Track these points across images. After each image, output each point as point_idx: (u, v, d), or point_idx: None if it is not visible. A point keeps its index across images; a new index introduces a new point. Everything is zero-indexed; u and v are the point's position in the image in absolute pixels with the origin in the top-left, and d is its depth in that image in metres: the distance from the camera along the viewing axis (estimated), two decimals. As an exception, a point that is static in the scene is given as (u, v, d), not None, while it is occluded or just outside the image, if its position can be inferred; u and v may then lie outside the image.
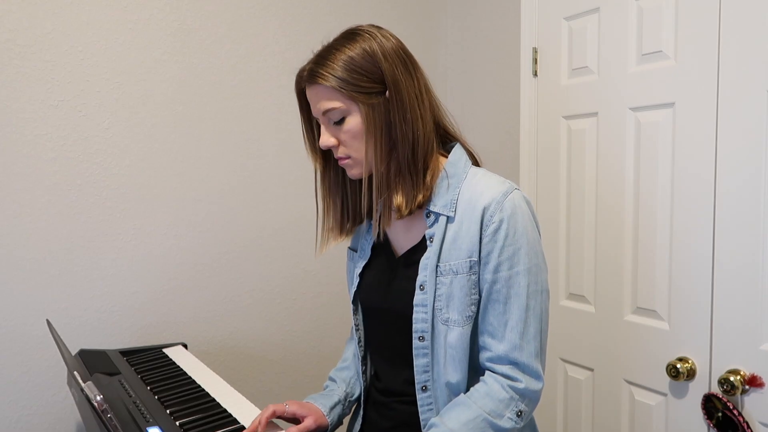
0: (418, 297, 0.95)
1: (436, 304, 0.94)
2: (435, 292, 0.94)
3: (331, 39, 0.97)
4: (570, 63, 1.68)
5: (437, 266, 0.94)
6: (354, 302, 1.09)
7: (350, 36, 0.94)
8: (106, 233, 1.57)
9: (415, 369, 0.97)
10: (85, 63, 1.52)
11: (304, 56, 1.84)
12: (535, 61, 1.78)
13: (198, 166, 1.70)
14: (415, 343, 0.96)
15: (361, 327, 1.09)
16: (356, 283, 1.08)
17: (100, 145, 1.55)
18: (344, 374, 1.16)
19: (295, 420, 1.06)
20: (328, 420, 1.06)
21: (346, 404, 1.12)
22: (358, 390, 1.14)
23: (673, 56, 1.41)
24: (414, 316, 0.96)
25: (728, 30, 1.29)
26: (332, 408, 1.08)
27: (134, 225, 1.61)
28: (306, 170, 1.88)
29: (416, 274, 0.96)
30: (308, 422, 1.03)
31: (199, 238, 1.71)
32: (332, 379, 1.16)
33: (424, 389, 0.97)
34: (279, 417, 1.04)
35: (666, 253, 1.44)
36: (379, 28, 0.96)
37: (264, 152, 1.81)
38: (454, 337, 0.93)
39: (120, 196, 1.59)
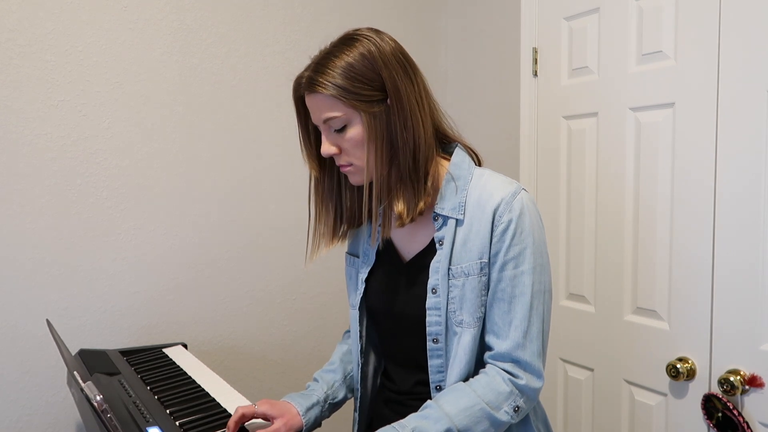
0: (430, 300, 0.96)
1: (449, 307, 0.95)
2: (448, 295, 0.95)
3: (328, 43, 0.95)
4: (570, 63, 1.67)
5: (449, 269, 0.95)
6: (360, 308, 1.08)
7: (348, 41, 0.93)
8: (106, 233, 1.57)
9: (429, 369, 0.98)
10: (85, 63, 1.52)
11: (304, 56, 1.84)
12: (535, 61, 1.78)
13: (198, 166, 1.70)
14: (430, 345, 0.97)
15: (364, 333, 1.09)
16: (362, 289, 1.07)
17: (100, 145, 1.55)
18: (329, 376, 1.14)
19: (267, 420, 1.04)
20: (303, 420, 1.04)
21: (326, 406, 1.10)
22: (341, 394, 1.13)
23: (673, 56, 1.41)
24: (427, 319, 0.96)
25: (728, 30, 1.29)
26: (309, 408, 1.06)
27: (134, 225, 1.61)
28: (306, 170, 1.87)
29: (427, 278, 0.97)
30: (277, 425, 1.00)
31: (199, 238, 1.71)
32: (315, 380, 1.15)
33: (438, 389, 0.98)
34: (250, 419, 1.02)
35: (666, 253, 1.44)
36: (377, 31, 0.95)
37: (264, 152, 1.81)
38: (467, 338, 0.94)
39: (120, 196, 1.59)
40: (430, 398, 0.98)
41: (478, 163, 1.04)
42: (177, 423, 1.07)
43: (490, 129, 1.97)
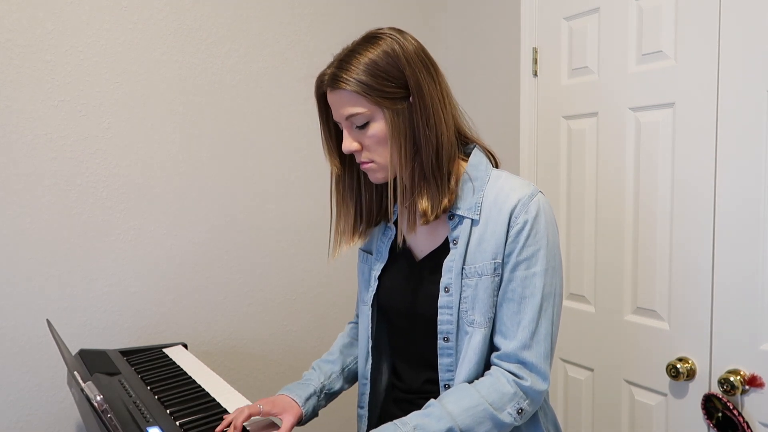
0: (443, 299, 0.96)
1: (461, 306, 0.95)
2: (461, 295, 0.95)
3: (350, 42, 0.96)
4: (570, 63, 1.68)
5: (463, 268, 0.95)
6: (372, 305, 1.08)
7: (371, 40, 0.94)
8: (106, 233, 1.57)
9: (439, 367, 0.98)
10: (85, 63, 1.52)
11: (304, 56, 1.84)
12: (535, 61, 1.78)
13: (198, 166, 1.70)
14: (440, 343, 0.97)
15: (375, 330, 1.09)
16: (375, 286, 1.07)
17: (100, 145, 1.55)
18: (327, 367, 1.15)
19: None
20: (303, 410, 1.06)
21: (322, 396, 1.11)
22: (338, 385, 1.14)
23: (673, 56, 1.41)
24: (439, 317, 0.96)
25: (728, 30, 1.29)
26: (307, 399, 1.08)
27: (134, 225, 1.61)
28: (306, 170, 1.88)
29: (440, 277, 0.97)
30: (287, 420, 1.02)
31: (199, 238, 1.71)
32: (313, 369, 1.15)
33: (447, 387, 0.98)
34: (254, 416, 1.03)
35: (666, 253, 1.44)
36: (400, 31, 0.95)
37: (264, 152, 1.81)
38: (478, 338, 0.94)
39: (120, 196, 1.59)
40: (437, 396, 0.98)
41: (496, 165, 1.05)
42: (177, 423, 1.08)
43: (490, 129, 1.97)
